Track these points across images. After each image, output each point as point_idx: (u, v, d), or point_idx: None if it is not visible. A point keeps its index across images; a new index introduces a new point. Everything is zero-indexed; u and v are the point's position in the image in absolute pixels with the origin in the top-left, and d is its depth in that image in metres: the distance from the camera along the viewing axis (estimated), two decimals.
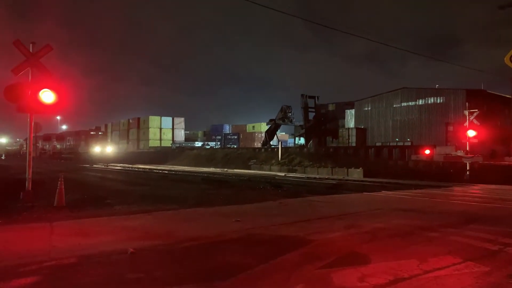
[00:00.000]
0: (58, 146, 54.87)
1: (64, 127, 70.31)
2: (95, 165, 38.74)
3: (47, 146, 57.24)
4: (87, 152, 46.26)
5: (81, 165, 38.54)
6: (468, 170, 23.28)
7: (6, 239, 6.34)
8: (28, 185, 10.52)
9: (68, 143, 52.42)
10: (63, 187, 10.33)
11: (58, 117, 67.82)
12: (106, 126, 73.89)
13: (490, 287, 4.31)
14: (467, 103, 26.60)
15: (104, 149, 47.29)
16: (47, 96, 10.31)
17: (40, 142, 59.81)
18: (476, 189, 17.66)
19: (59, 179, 10.32)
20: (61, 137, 56.00)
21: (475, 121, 24.47)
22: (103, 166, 37.35)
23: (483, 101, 32.51)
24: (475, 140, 24.39)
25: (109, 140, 54.34)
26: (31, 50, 10.44)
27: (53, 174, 18.42)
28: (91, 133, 49.58)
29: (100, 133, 51.89)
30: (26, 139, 10.74)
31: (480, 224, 8.04)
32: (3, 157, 59.53)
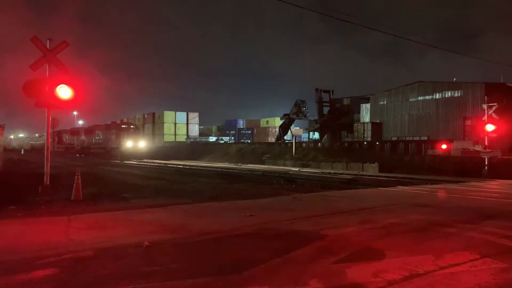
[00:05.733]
0: (86, 140, 53.12)
1: (80, 122, 71.37)
2: (111, 160, 39.11)
3: (75, 140, 56.11)
4: (118, 147, 44.52)
5: (104, 160, 38.40)
6: (486, 165, 22.83)
7: (25, 232, 6.50)
8: (46, 179, 10.73)
9: (97, 137, 50.59)
10: (80, 181, 10.52)
11: (75, 112, 69.00)
12: (121, 121, 74.76)
13: (507, 283, 4.24)
14: (485, 97, 26.00)
15: (137, 144, 45.57)
16: (64, 92, 10.48)
17: (67, 137, 59.16)
18: (494, 185, 17.32)
19: (76, 174, 10.51)
20: (89, 131, 53.69)
21: (494, 115, 23.88)
22: (118, 161, 37.79)
23: (503, 95, 31.64)
24: (494, 135, 23.82)
25: (142, 135, 51.58)
26: (48, 46, 10.59)
27: (73, 168, 18.75)
28: (122, 126, 47.41)
29: (132, 126, 49.53)
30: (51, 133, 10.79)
31: (498, 220, 7.90)
32: (22, 152, 60.33)
